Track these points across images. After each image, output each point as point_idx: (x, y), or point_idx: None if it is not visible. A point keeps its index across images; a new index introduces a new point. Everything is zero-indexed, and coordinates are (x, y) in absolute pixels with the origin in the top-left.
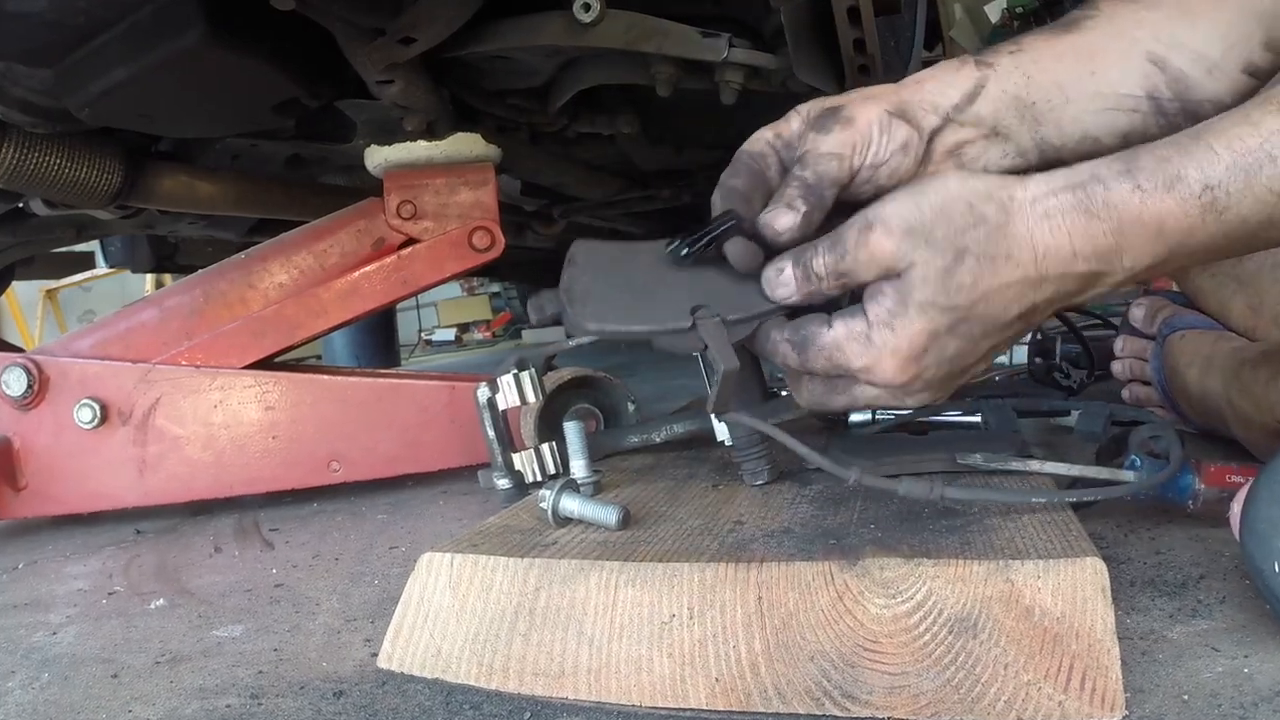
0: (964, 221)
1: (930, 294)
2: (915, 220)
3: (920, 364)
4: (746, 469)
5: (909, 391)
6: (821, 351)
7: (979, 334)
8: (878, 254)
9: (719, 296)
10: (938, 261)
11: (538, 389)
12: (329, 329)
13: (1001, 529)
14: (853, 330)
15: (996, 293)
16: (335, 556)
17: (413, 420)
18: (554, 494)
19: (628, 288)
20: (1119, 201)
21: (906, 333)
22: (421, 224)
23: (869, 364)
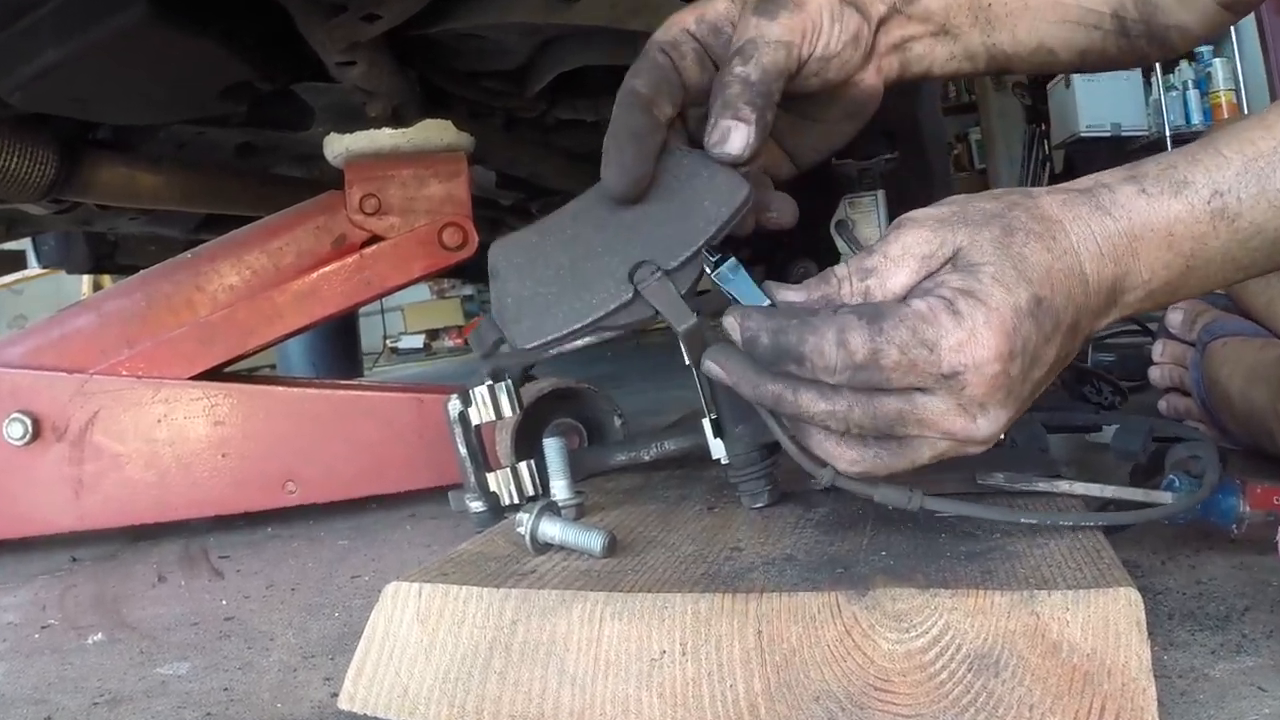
0: (995, 206)
1: (995, 261)
2: (942, 213)
3: (1014, 347)
4: (745, 490)
5: (991, 398)
6: (904, 321)
7: (1050, 330)
8: (911, 244)
9: (657, 243)
10: (987, 234)
11: (514, 402)
12: (284, 335)
13: (1026, 556)
14: (934, 304)
15: (1057, 277)
16: (291, 586)
17: (377, 436)
18: (532, 518)
19: (557, 279)
20: (1126, 202)
21: (993, 301)
22: (386, 220)
23: (964, 339)
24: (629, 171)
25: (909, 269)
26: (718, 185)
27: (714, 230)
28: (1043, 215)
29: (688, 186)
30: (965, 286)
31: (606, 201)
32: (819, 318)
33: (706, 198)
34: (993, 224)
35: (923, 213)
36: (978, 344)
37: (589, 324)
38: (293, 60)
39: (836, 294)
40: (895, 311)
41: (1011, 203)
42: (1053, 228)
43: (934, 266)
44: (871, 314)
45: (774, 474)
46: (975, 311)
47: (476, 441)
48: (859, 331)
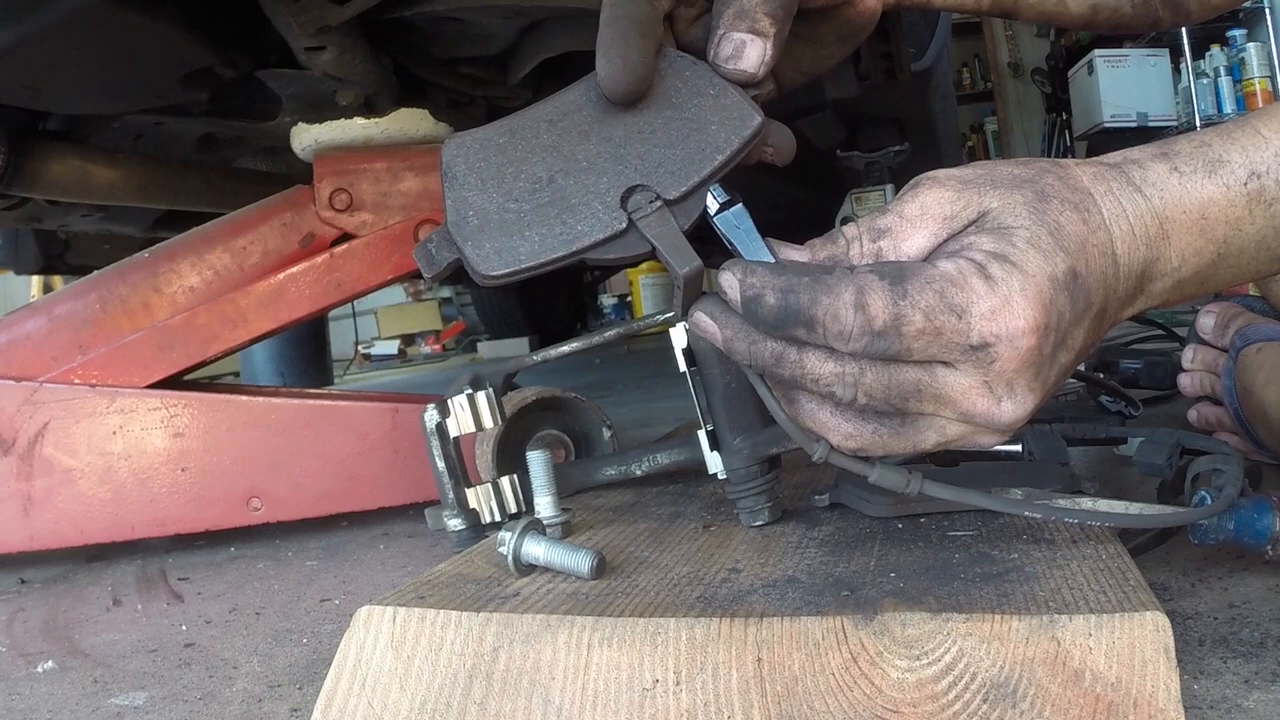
0: (1025, 171)
1: (1031, 225)
2: (967, 173)
3: (1050, 320)
4: (744, 507)
5: (1020, 377)
6: (931, 284)
7: (1082, 309)
8: (932, 204)
9: (655, 165)
10: (1019, 196)
11: (496, 412)
12: (249, 341)
13: (1046, 577)
14: (964, 267)
15: (1092, 252)
16: (256, 611)
17: (348, 449)
18: (515, 537)
19: (531, 194)
20: (1157, 180)
21: (1029, 267)
22: (359, 216)
23: (997, 305)
24: (633, 66)
25: (928, 231)
26: (726, 108)
27: (721, 160)
28: (1076, 184)
29: (691, 103)
30: (998, 250)
31: (592, 105)
32: (834, 276)
33: (713, 120)
34: (1025, 188)
35: (945, 172)
36: (1012, 313)
37: (571, 253)
38: (257, 45)
39: (845, 255)
40: (921, 272)
41: (1042, 169)
42: (1085, 199)
43: (956, 229)
44: (895, 274)
45: (775, 490)
46: (1010, 277)
47: (455, 455)
48: (880, 293)
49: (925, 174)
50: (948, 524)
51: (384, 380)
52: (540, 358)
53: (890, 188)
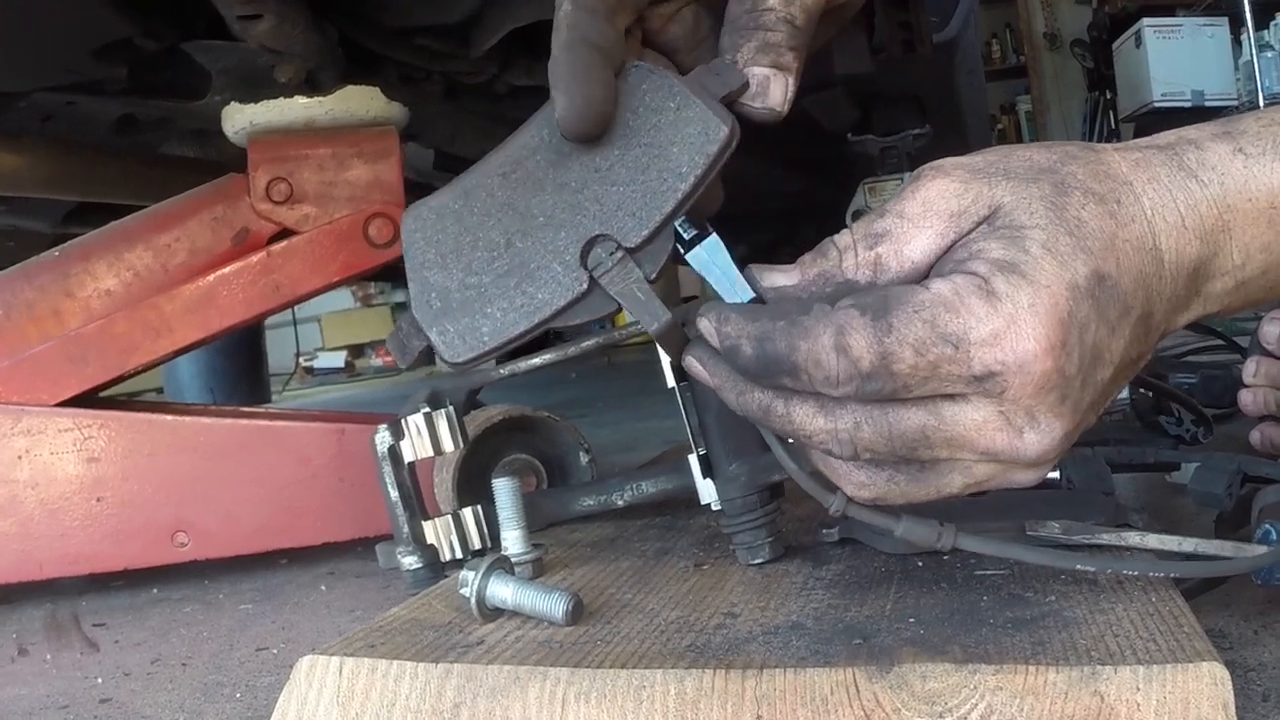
0: (1046, 158)
1: (1047, 225)
2: (977, 161)
3: (1068, 337)
4: (741, 543)
5: (1041, 403)
6: (919, 313)
7: (1116, 316)
8: (935, 199)
9: (614, 207)
10: (1034, 189)
11: (457, 434)
12: (174, 352)
13: (1088, 623)
14: (962, 284)
15: (1124, 250)
16: (182, 661)
17: (288, 477)
18: (479, 576)
19: (489, 264)
20: (1218, 163)
21: (1042, 278)
22: (300, 209)
23: (999, 329)
24: (596, 104)
25: (932, 231)
26: (688, 122)
27: (684, 190)
28: (1107, 173)
29: (650, 124)
30: (1007, 257)
31: (546, 147)
32: (811, 316)
33: (674, 141)
34: (1043, 179)
35: (952, 160)
36: (1019, 334)
37: (534, 326)
38: (183, 13)
39: (838, 269)
40: (907, 300)
41: (1067, 154)
42: (1119, 189)
43: (965, 228)
44: (877, 306)
45: (776, 523)
46: (1018, 291)
47: (410, 483)
48: (862, 332)
49: (930, 164)
50: (975, 562)
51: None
52: (508, 371)
53: (908, 175)
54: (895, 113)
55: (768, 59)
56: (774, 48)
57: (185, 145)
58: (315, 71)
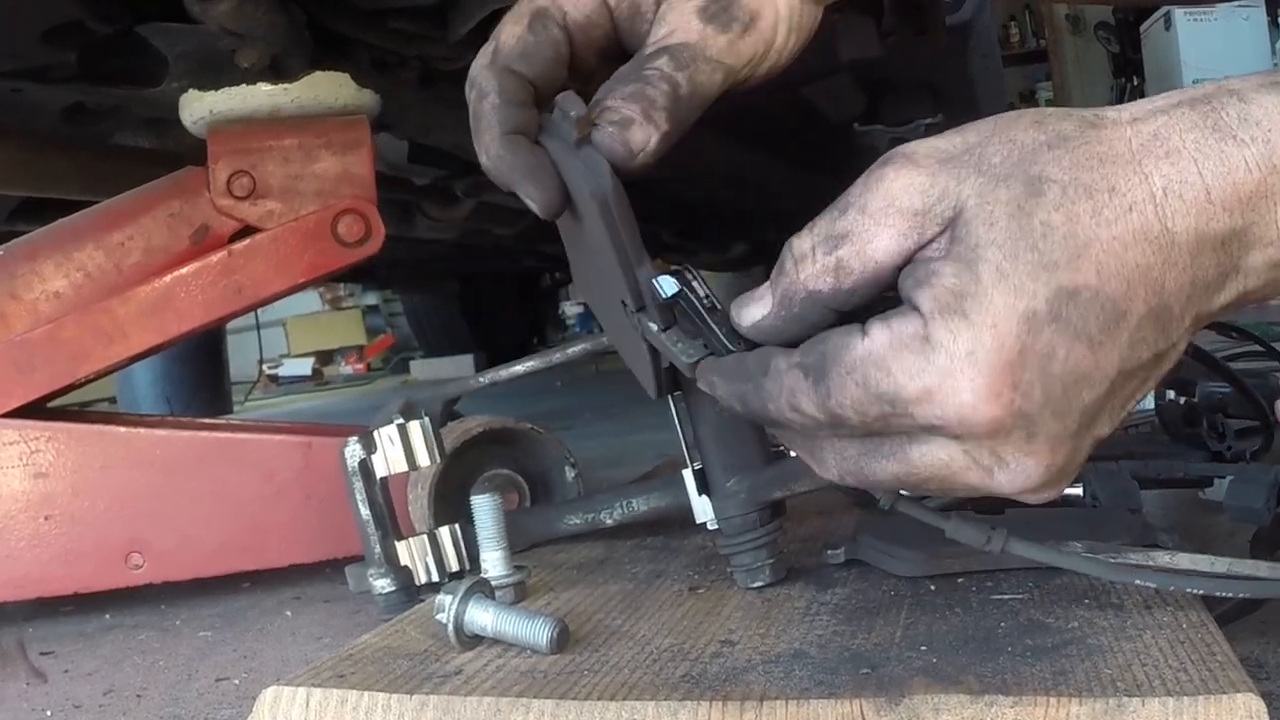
0: (1031, 140)
1: (1006, 241)
2: (952, 147)
3: (1017, 378)
4: (739, 565)
5: (1004, 445)
6: (851, 374)
7: (1099, 330)
8: (899, 194)
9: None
10: (1002, 193)
11: (433, 447)
12: (128, 359)
13: (1113, 651)
14: (900, 333)
15: (1108, 250)
16: (137, 693)
17: (251, 494)
18: (457, 601)
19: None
20: (1264, 118)
21: (986, 317)
22: (263, 205)
23: (931, 385)
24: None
25: (895, 230)
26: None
27: (618, 254)
28: (1105, 155)
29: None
30: (954, 289)
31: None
32: (769, 377)
33: (585, 207)
34: (1014, 177)
35: (925, 146)
36: (954, 388)
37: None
38: None
39: (798, 283)
40: (841, 359)
41: (1059, 136)
42: (1115, 174)
43: (929, 231)
44: (816, 368)
45: (778, 543)
46: (956, 338)
47: (383, 500)
48: (808, 396)
49: (900, 148)
50: (992, 585)
51: (295, 408)
52: (488, 380)
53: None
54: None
55: (637, 106)
56: (646, 99)
57: (140, 136)
58: (280, 56)
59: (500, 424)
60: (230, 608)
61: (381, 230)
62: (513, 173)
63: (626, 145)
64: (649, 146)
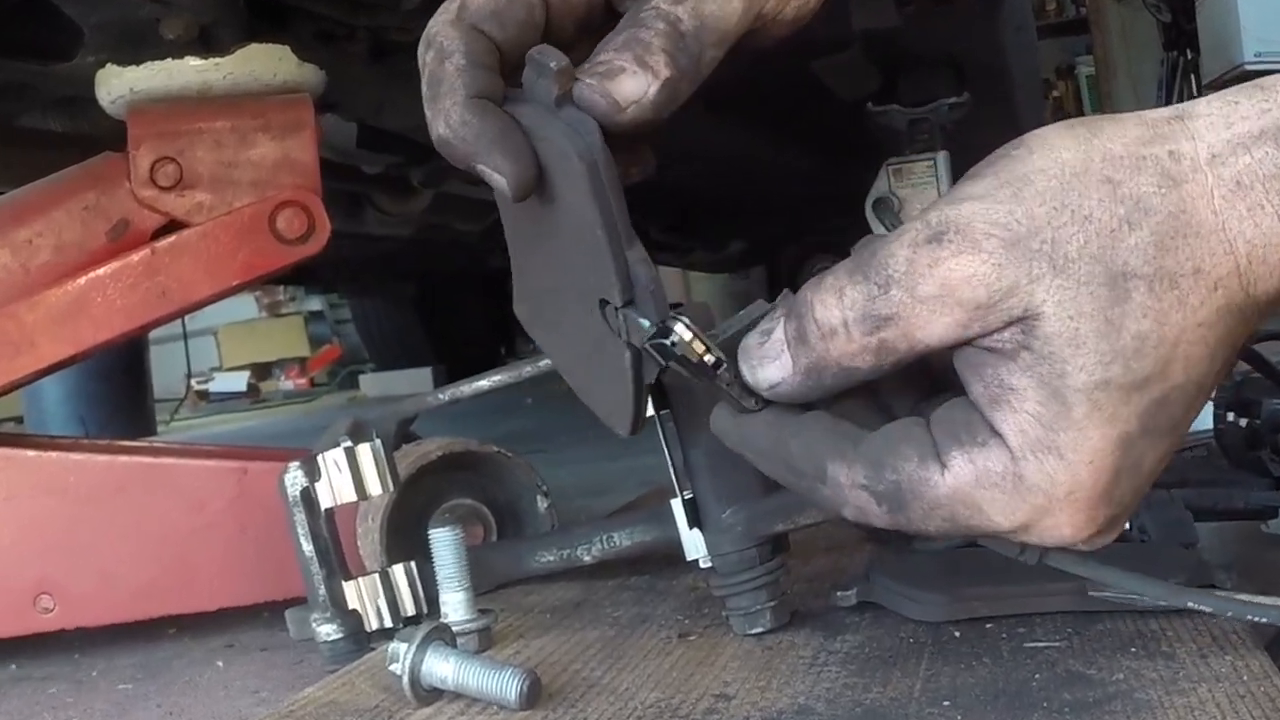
0: (1108, 217)
1: (1095, 367)
2: (1017, 223)
3: (1110, 496)
4: (736, 608)
5: (1089, 539)
6: (936, 511)
7: (1183, 414)
8: (959, 288)
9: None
10: (1085, 301)
11: (386, 474)
12: (37, 372)
13: (1164, 707)
14: (987, 469)
15: (1194, 340)
16: None
17: (177, 527)
18: (413, 650)
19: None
20: None
21: (1084, 455)
22: (191, 197)
23: (1028, 521)
24: (522, 160)
25: (951, 321)
26: (556, 157)
27: (604, 236)
28: (1185, 228)
29: (546, 167)
30: (1042, 419)
31: (521, 221)
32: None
33: (563, 183)
34: (1096, 278)
35: (980, 218)
36: (1053, 523)
37: (639, 398)
38: None
39: (828, 358)
40: (923, 493)
41: (1137, 205)
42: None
43: (991, 324)
44: (892, 499)
45: (780, 584)
46: (1054, 480)
47: (329, 534)
48: (880, 518)
49: (948, 213)
50: (1024, 631)
51: (228, 429)
52: (449, 397)
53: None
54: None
55: (629, 53)
56: (641, 44)
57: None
58: (211, 26)
59: (462, 447)
60: (154, 657)
61: (327, 225)
62: (478, 141)
63: (611, 97)
64: (646, 97)
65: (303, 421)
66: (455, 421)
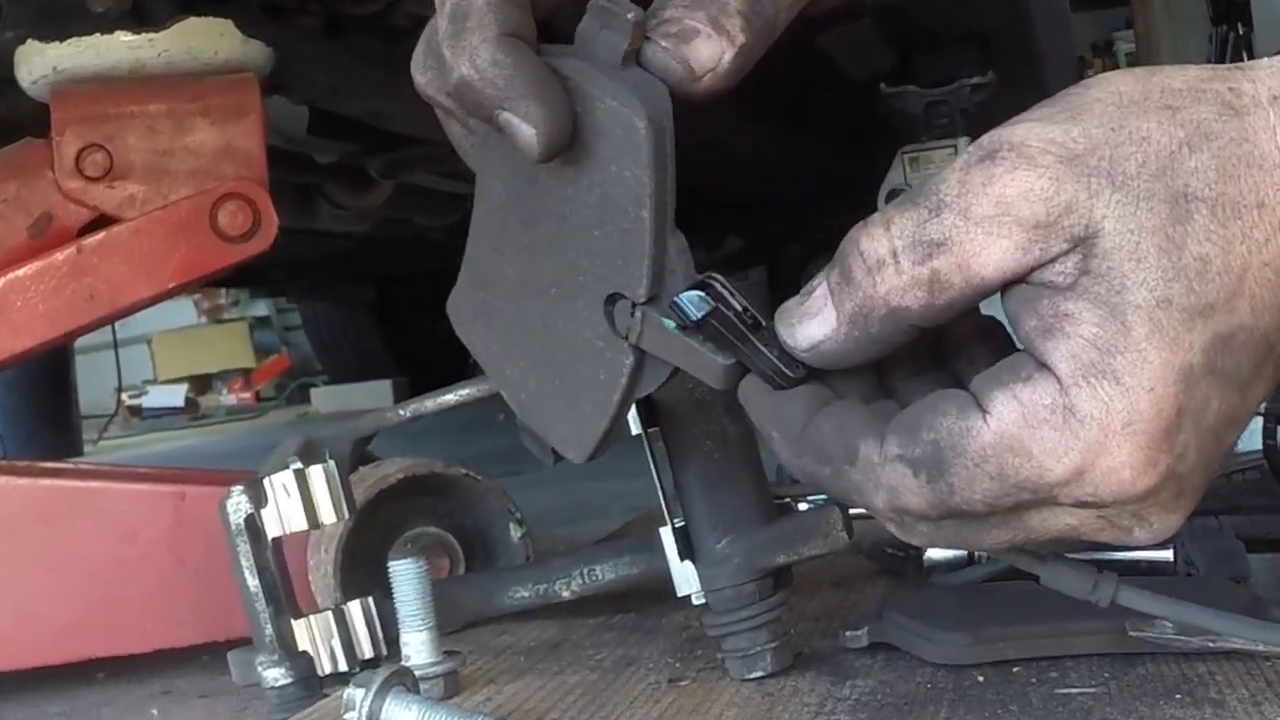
0: (1167, 139)
1: (1158, 283)
2: (1072, 141)
3: (1173, 441)
4: (733, 650)
5: (1150, 506)
6: (982, 465)
7: (1250, 371)
8: (1015, 205)
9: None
10: (1145, 216)
11: (341, 499)
12: None
13: None
14: (1034, 405)
15: (1260, 280)
16: None
17: (106, 558)
18: (371, 696)
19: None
20: None
21: (1142, 379)
22: (123, 189)
23: (1082, 464)
24: (560, 111)
25: (1010, 244)
26: (606, 124)
27: (649, 216)
28: (1248, 157)
29: (588, 135)
30: (1099, 342)
31: (511, 205)
32: (860, 470)
33: (609, 155)
34: (1156, 194)
35: (1034, 135)
36: (1109, 464)
37: (617, 414)
38: None
39: (875, 296)
40: (965, 448)
41: (1199, 130)
42: (1262, 184)
43: (1052, 249)
44: (930, 463)
45: (782, 622)
46: (1109, 409)
47: (276, 567)
48: (918, 495)
49: (1003, 135)
50: (1057, 675)
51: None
52: (411, 413)
53: (964, 142)
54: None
55: (703, 13)
56: (715, 2)
57: None
58: None
59: (426, 469)
60: (81, 704)
61: (274, 221)
62: (510, 85)
63: (686, 63)
64: (721, 65)
65: (247, 440)
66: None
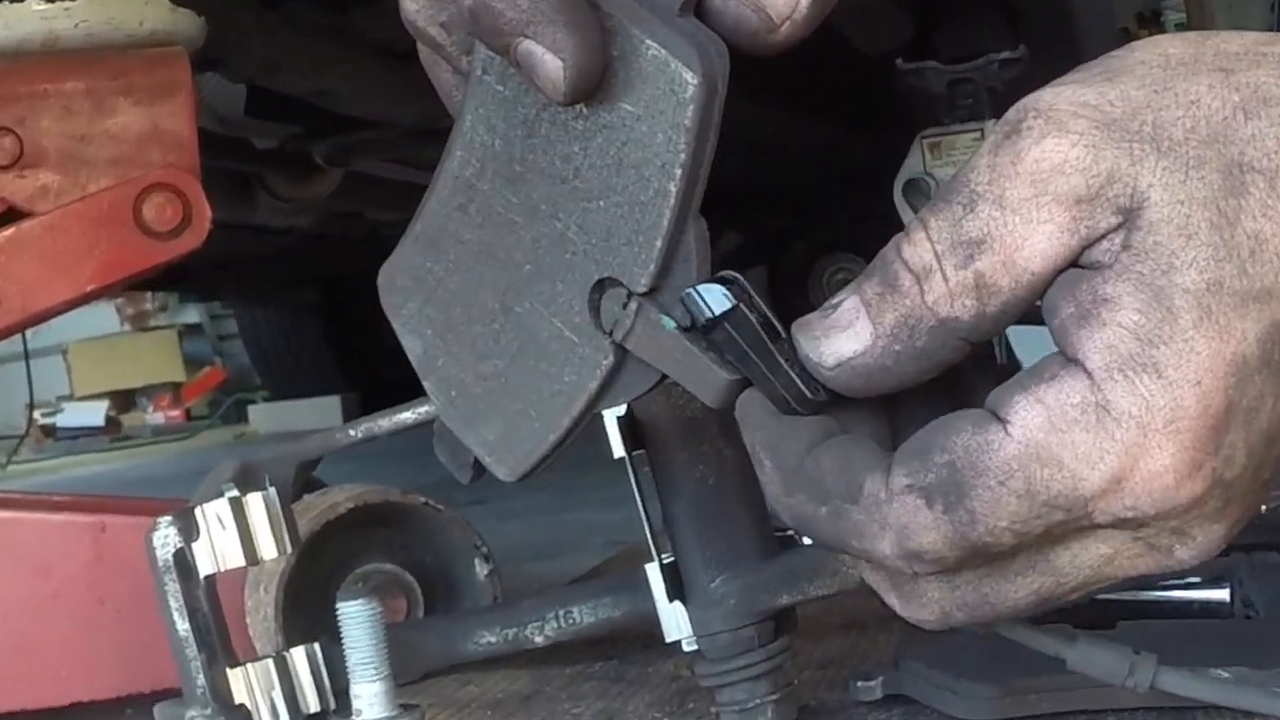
0: (1219, 103)
1: (1209, 263)
2: (1109, 104)
3: (1220, 442)
4: (730, 702)
5: (1193, 520)
6: (1007, 483)
7: None
8: (1050, 179)
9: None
10: (1196, 187)
11: (283, 531)
12: None
13: None
14: (1061, 405)
15: None
16: None
17: (16, 598)
18: None
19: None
20: None
21: (1189, 371)
22: (34, 178)
23: (1120, 470)
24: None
25: (1053, 227)
26: (645, 76)
27: (676, 191)
28: None
29: (618, 84)
30: (1141, 330)
31: (493, 158)
32: (864, 508)
33: (640, 113)
34: (1208, 163)
35: (1063, 98)
36: (1150, 469)
37: (577, 421)
38: None
39: (923, 306)
40: (985, 467)
41: (1256, 94)
42: None
43: (1100, 226)
44: (947, 489)
45: (785, 671)
46: (1149, 406)
47: (209, 608)
48: (934, 532)
49: (1029, 105)
50: None
51: (81, 473)
52: (362, 433)
53: (991, 125)
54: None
55: None
56: None
57: None
58: None
59: (380, 497)
60: None
61: (207, 214)
62: (535, 7)
63: (764, 11)
64: (797, 13)
65: (176, 465)
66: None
